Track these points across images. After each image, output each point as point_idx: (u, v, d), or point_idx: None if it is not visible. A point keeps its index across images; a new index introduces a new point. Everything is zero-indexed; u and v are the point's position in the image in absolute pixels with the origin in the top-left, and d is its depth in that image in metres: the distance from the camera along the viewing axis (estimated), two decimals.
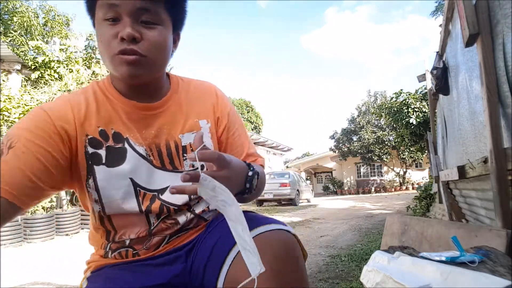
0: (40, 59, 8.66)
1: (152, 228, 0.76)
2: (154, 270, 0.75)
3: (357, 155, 22.54)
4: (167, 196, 0.77)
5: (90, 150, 0.72)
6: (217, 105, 0.86)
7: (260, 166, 0.86)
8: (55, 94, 7.85)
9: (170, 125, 0.78)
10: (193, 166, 0.79)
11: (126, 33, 0.65)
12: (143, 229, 0.76)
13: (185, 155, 0.79)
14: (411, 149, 16.11)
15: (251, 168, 0.71)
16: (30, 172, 0.61)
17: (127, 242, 0.77)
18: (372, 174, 24.75)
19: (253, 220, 0.68)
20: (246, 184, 0.69)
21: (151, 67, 0.71)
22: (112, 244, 0.78)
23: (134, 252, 0.77)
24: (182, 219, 0.79)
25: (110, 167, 0.72)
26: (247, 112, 31.71)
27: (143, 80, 0.73)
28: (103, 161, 0.72)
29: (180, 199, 0.78)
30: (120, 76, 0.70)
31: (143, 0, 0.67)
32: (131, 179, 0.74)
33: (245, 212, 0.69)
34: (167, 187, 0.77)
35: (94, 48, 9.60)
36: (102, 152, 0.72)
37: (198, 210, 0.81)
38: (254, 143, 15.56)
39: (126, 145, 0.74)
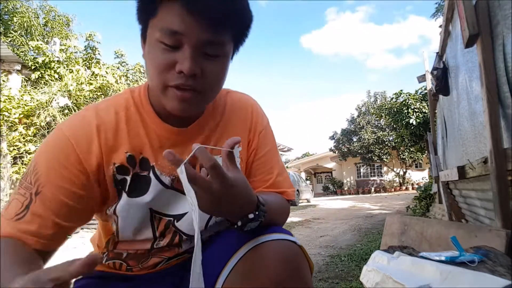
0: (40, 59, 8.67)
1: (152, 249, 0.74)
2: (145, 284, 0.74)
3: (357, 155, 22.55)
4: (181, 224, 0.73)
5: (119, 177, 0.67)
6: (251, 126, 0.78)
7: (286, 200, 0.77)
8: (55, 94, 7.86)
9: None
10: None
11: (187, 69, 0.57)
12: (144, 247, 0.73)
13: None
14: (411, 149, 16.14)
15: (258, 213, 0.58)
16: (58, 218, 0.60)
17: (124, 255, 0.74)
18: (372, 174, 24.74)
19: (255, 229, 0.63)
20: (238, 222, 0.57)
21: (204, 102, 0.66)
22: (110, 252, 0.76)
23: (128, 267, 0.75)
24: (186, 245, 0.75)
25: (131, 197, 0.68)
26: None
27: (192, 114, 0.69)
28: (126, 189, 0.68)
29: (193, 230, 0.73)
30: (169, 109, 0.63)
31: (211, 33, 0.58)
32: (150, 209, 0.70)
33: None
34: (185, 214, 0.73)
35: (94, 49, 9.60)
36: (128, 178, 0.67)
37: (205, 236, 0.76)
38: None
39: (151, 175, 0.68)
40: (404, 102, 8.94)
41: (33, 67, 8.70)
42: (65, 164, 0.62)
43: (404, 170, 22.57)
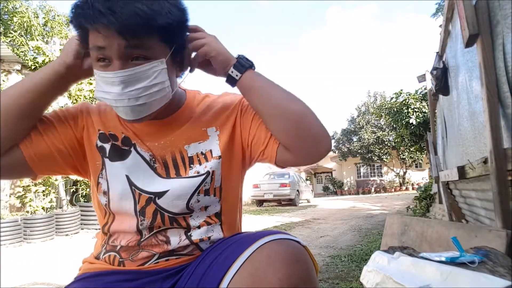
0: (40, 59, 8.64)
1: (141, 239, 0.75)
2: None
3: (357, 155, 22.55)
4: (163, 202, 0.74)
5: (99, 143, 0.78)
6: (231, 112, 0.82)
7: None
8: None
9: (178, 138, 0.78)
10: (198, 172, 0.76)
11: None
12: (134, 238, 0.75)
13: (191, 165, 0.77)
14: (411, 149, 16.10)
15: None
16: (51, 144, 0.73)
17: (118, 247, 0.77)
18: (372, 174, 24.75)
19: (260, 233, 0.66)
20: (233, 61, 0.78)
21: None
22: (107, 246, 0.78)
23: (120, 260, 0.76)
24: (174, 240, 0.75)
25: (112, 161, 0.77)
26: None
27: (150, 118, 0.73)
28: (107, 155, 0.77)
29: (177, 206, 0.75)
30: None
31: (129, 40, 0.62)
32: (127, 177, 0.75)
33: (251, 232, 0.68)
34: (166, 191, 0.75)
35: None
36: (107, 146, 0.77)
37: (195, 237, 0.76)
38: None
39: (132, 149, 0.77)
40: (404, 102, 8.94)
41: (33, 67, 8.68)
42: (71, 110, 0.80)
43: (404, 170, 22.57)
